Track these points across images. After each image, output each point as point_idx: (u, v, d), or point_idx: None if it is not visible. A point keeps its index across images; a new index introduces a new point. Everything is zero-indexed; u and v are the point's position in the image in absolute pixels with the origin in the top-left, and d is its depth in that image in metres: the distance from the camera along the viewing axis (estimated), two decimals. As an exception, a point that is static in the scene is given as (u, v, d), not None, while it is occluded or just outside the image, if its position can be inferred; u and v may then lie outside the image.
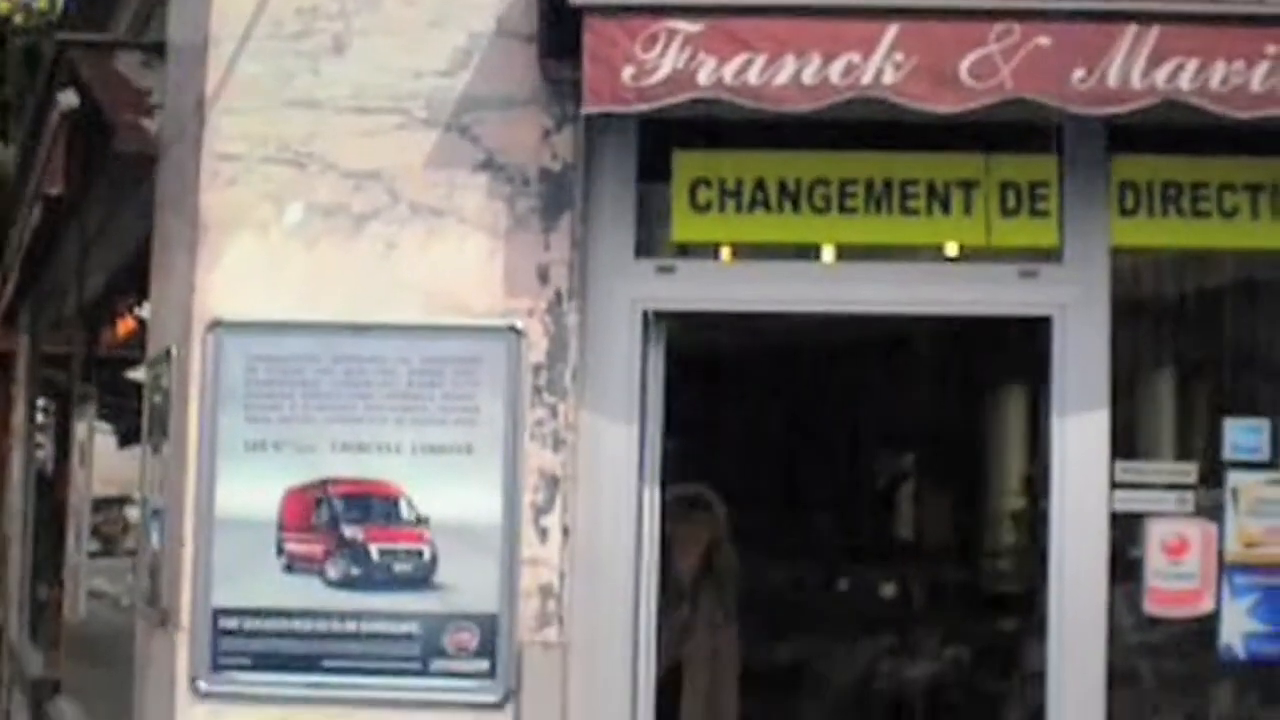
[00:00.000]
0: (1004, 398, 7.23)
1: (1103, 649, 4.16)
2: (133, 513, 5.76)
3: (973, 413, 7.30)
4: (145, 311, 5.47)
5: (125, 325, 6.81)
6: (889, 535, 7.94)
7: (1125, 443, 4.36)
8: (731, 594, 6.05)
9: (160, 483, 4.66)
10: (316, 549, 4.19)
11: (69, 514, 8.01)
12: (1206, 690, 5.23)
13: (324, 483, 4.20)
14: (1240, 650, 4.28)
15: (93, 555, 7.76)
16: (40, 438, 10.15)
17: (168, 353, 4.55)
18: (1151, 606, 4.31)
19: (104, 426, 8.07)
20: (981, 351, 6.86)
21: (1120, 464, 4.20)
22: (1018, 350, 4.90)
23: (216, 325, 4.24)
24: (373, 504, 4.18)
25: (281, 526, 4.20)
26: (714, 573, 5.98)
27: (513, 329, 4.15)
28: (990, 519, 7.31)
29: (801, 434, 7.16)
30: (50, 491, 9.14)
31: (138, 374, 5.49)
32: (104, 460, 7.80)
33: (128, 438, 6.49)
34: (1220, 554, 4.24)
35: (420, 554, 4.15)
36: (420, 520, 4.15)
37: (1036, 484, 4.34)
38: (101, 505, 8.15)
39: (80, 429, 7.85)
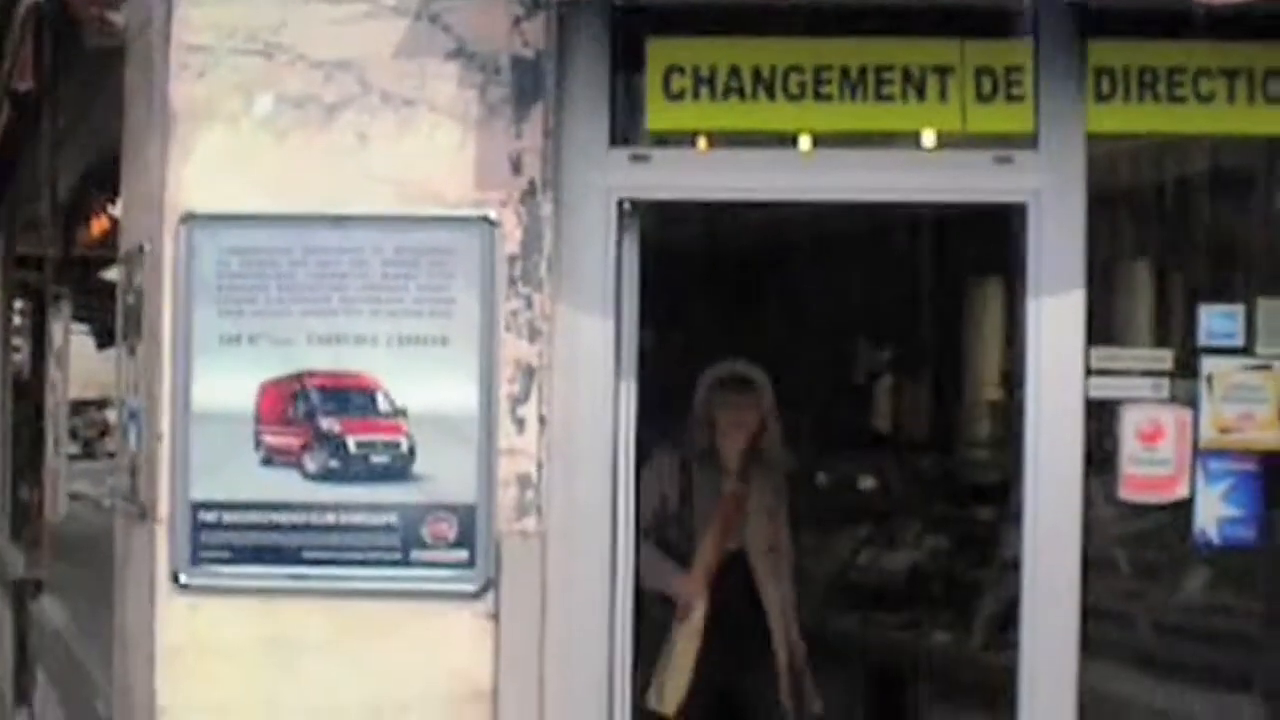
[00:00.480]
0: (982, 290, 7.23)
1: (1078, 536, 4.17)
2: (112, 415, 5.73)
3: (951, 305, 7.30)
4: (119, 210, 5.43)
5: (99, 224, 6.77)
6: (867, 427, 7.97)
7: (1101, 330, 4.36)
8: (781, 479, 5.74)
9: (136, 383, 4.65)
10: (294, 442, 4.19)
11: (46, 417, 8.00)
12: (1181, 576, 5.30)
13: (300, 375, 4.18)
14: (1215, 535, 4.31)
15: (73, 458, 7.77)
16: (16, 340, 10.13)
17: (140, 248, 4.52)
18: (1126, 493, 4.32)
19: (81, 328, 8.05)
20: (959, 244, 6.86)
21: (1095, 351, 4.20)
22: (996, 242, 4.89)
23: (188, 219, 4.20)
24: (349, 396, 4.18)
25: (258, 420, 4.19)
26: (763, 457, 5.60)
27: (486, 219, 4.12)
28: (968, 410, 7.33)
29: (778, 328, 7.16)
30: (28, 394, 9.13)
31: (113, 274, 5.45)
32: (82, 363, 7.78)
33: (106, 339, 6.46)
34: (1195, 440, 4.26)
35: (398, 446, 4.15)
36: (397, 412, 4.15)
37: (1014, 375, 4.35)
38: (81, 408, 8.15)
39: (56, 331, 7.83)
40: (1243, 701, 5.21)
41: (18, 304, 10.08)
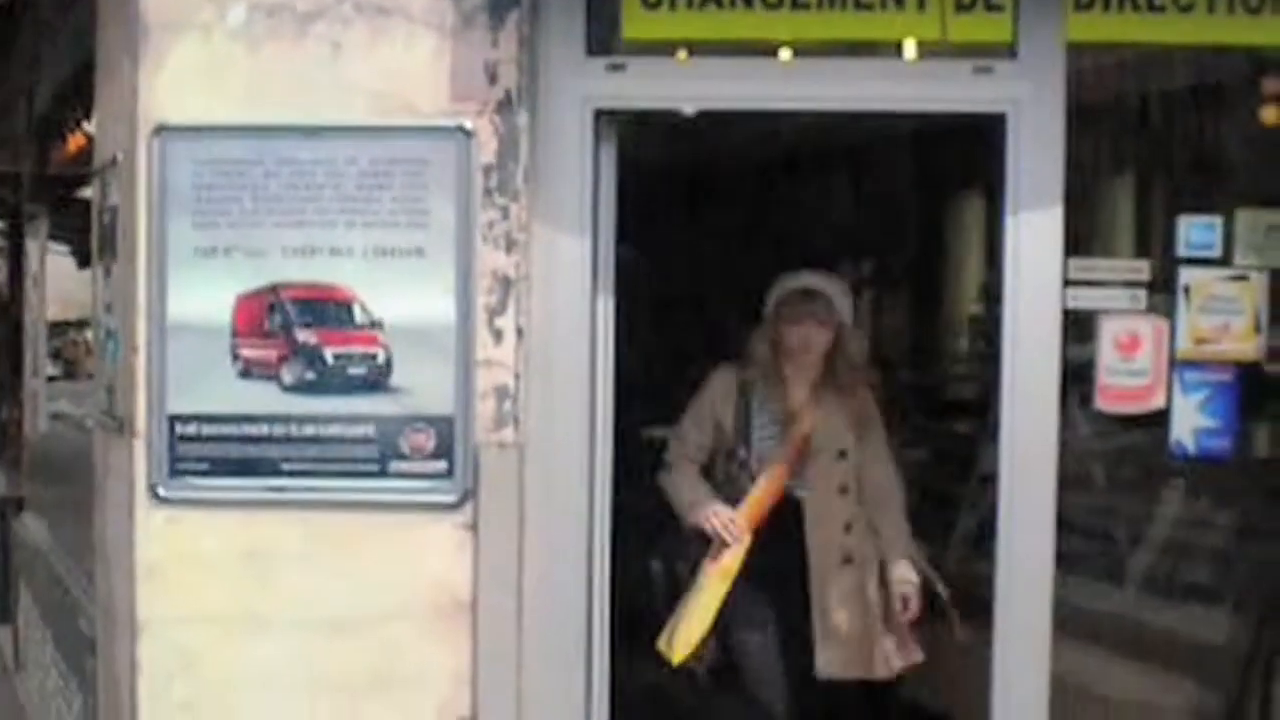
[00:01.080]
0: (962, 205, 7.22)
1: (1054, 446, 4.19)
2: (91, 336, 5.72)
3: (931, 220, 7.29)
4: (93, 124, 5.38)
5: (75, 141, 6.70)
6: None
7: (1079, 241, 4.36)
8: (865, 408, 4.90)
9: (112, 302, 4.63)
10: (270, 354, 4.17)
11: (25, 338, 7.98)
12: (1156, 487, 5.32)
13: (275, 287, 4.16)
14: (1190, 445, 4.33)
15: (53, 379, 7.75)
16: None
17: (113, 160, 4.48)
18: (1103, 403, 4.34)
19: (59, 248, 8.01)
20: (939, 158, 6.83)
21: (1073, 261, 4.20)
22: (975, 156, 4.87)
23: (161, 130, 4.16)
24: (325, 308, 4.15)
25: (234, 332, 4.17)
26: (838, 383, 4.81)
27: (461, 129, 4.09)
28: (948, 325, 7.34)
29: (757, 244, 7.13)
30: (6, 314, 9.08)
31: (90, 192, 5.41)
32: (61, 284, 7.75)
33: (85, 259, 6.42)
34: (1172, 351, 4.27)
35: (375, 357, 4.14)
36: (374, 324, 4.13)
37: (993, 290, 4.35)
38: (60, 329, 8.11)
39: (33, 251, 7.79)
40: (1216, 614, 5.26)
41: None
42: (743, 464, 4.78)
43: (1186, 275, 4.28)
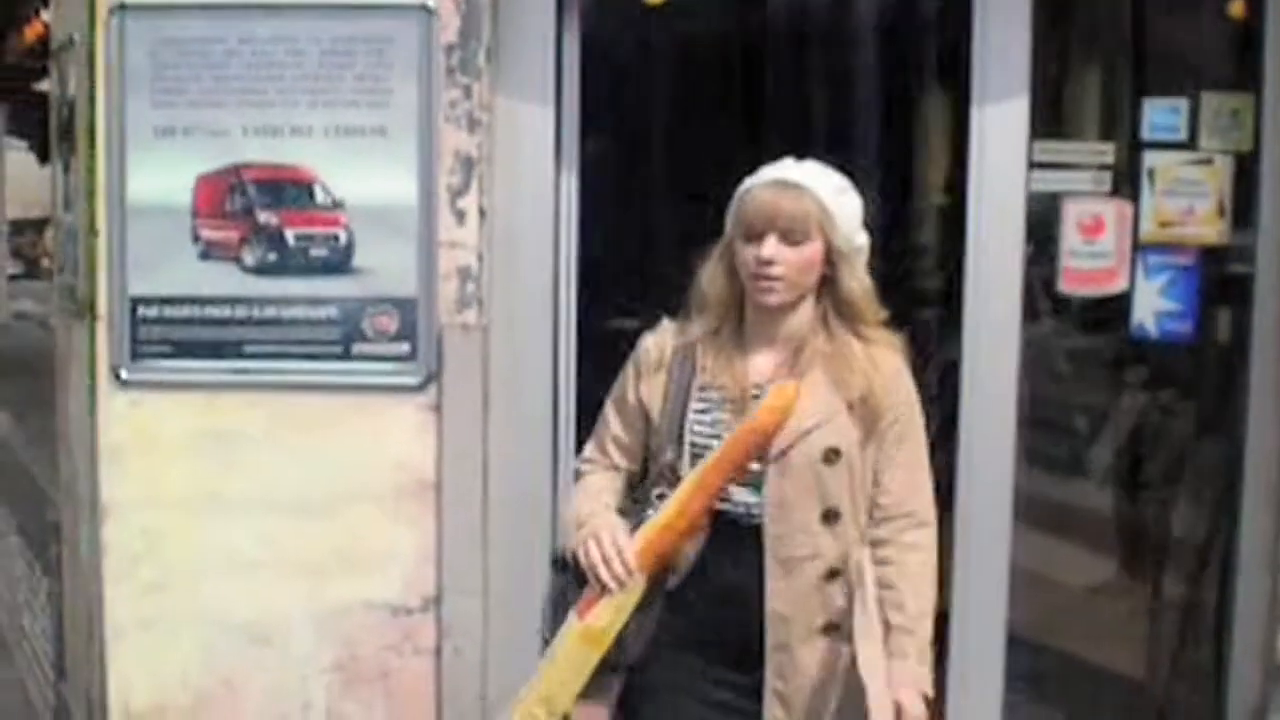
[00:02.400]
0: (930, 94, 7.17)
1: (1017, 327, 4.20)
2: (53, 235, 5.67)
3: (899, 110, 7.23)
4: (49, 6, 5.31)
5: (34, 30, 6.63)
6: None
7: (1045, 124, 4.35)
8: (876, 380, 3.05)
9: (72, 196, 4.58)
10: (232, 235, 4.14)
11: (-14, 233, 7.92)
12: (1117, 371, 5.35)
13: (236, 168, 4.12)
14: (1152, 328, 4.35)
15: (14, 278, 7.70)
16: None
17: (70, 40, 4.42)
18: (1066, 286, 4.36)
19: (17, 144, 7.93)
20: (907, 48, 6.79)
21: (1039, 144, 4.20)
22: (944, 45, 4.84)
23: (119, 9, 4.11)
24: (286, 189, 4.12)
25: (195, 213, 4.13)
26: (829, 332, 3.05)
27: (423, 7, 4.04)
28: (914, 216, 7.31)
29: (722, 133, 7.08)
30: (-33, 209, 9.01)
31: (48, 85, 5.35)
32: (23, 183, 7.68)
33: (44, 155, 6.36)
34: (1135, 234, 4.28)
35: (336, 238, 4.11)
36: (335, 204, 4.10)
37: (959, 179, 4.33)
38: (22, 227, 8.05)
39: (-8, 145, 7.72)
40: (1174, 503, 5.31)
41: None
42: (673, 472, 3.07)
43: (1151, 158, 4.28)
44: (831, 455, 3.01)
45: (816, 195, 2.98)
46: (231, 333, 4.16)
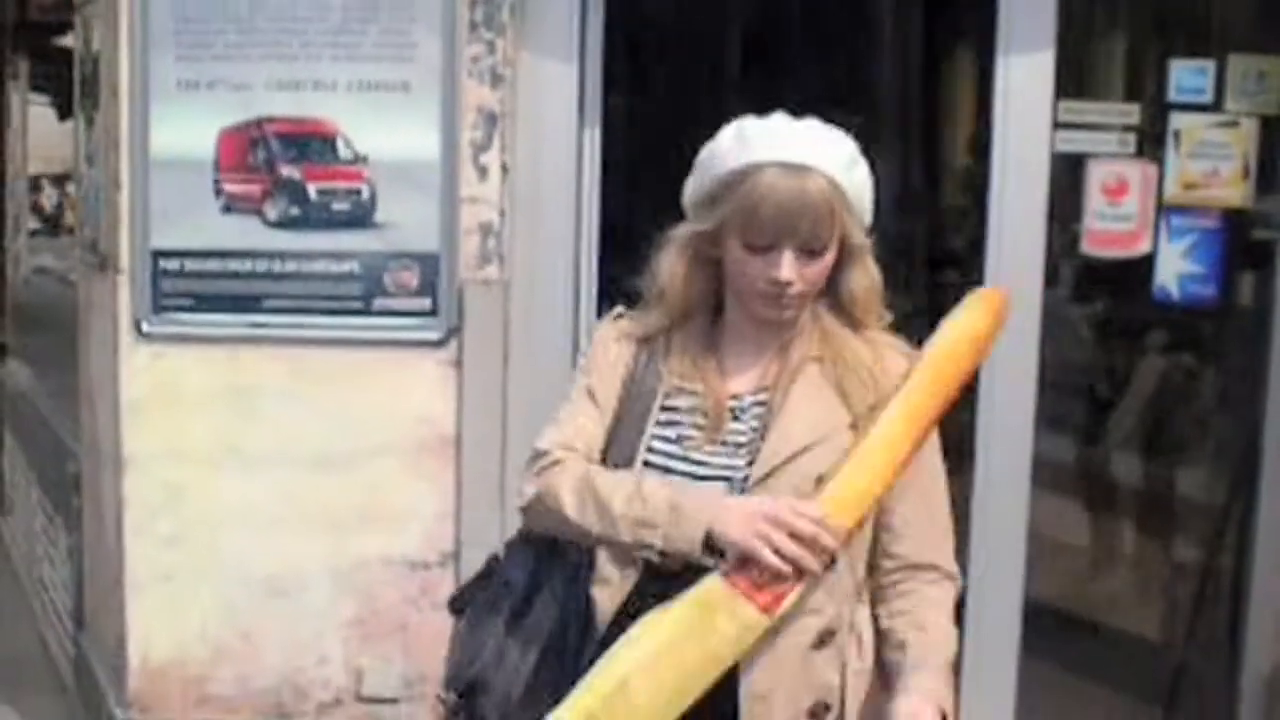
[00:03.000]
0: (956, 55, 7.14)
1: (1039, 290, 4.18)
2: (74, 190, 5.68)
3: (922, 73, 7.21)
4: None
5: (56, -16, 6.61)
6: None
7: (1070, 84, 4.32)
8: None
9: (94, 154, 4.58)
10: (254, 189, 4.14)
11: (7, 190, 7.91)
12: (1138, 334, 5.33)
13: (259, 122, 4.11)
14: (1175, 291, 4.32)
15: (35, 233, 7.70)
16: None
17: (95, -8, 4.43)
18: (1089, 248, 4.34)
19: (39, 99, 7.91)
20: (933, 8, 6.76)
21: (1064, 104, 4.16)
22: (970, 6, 4.81)
23: (145, -39, 4.12)
24: (309, 143, 4.11)
25: (218, 167, 4.13)
26: (827, 336, 2.42)
27: (448, -39, 4.04)
28: (937, 178, 7.29)
29: (747, 88, 7.05)
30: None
31: (71, 40, 5.34)
32: (43, 138, 7.67)
33: (66, 111, 6.35)
34: (1160, 196, 4.26)
35: (359, 193, 4.11)
36: (358, 159, 4.09)
37: (984, 140, 4.30)
38: (42, 183, 8.06)
39: (14, 102, 7.70)
40: (1194, 467, 5.30)
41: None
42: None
43: (1177, 120, 4.25)
44: (824, 484, 2.31)
45: (835, 181, 2.30)
46: (253, 287, 4.16)
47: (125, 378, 4.26)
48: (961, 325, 2.39)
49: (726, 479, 2.37)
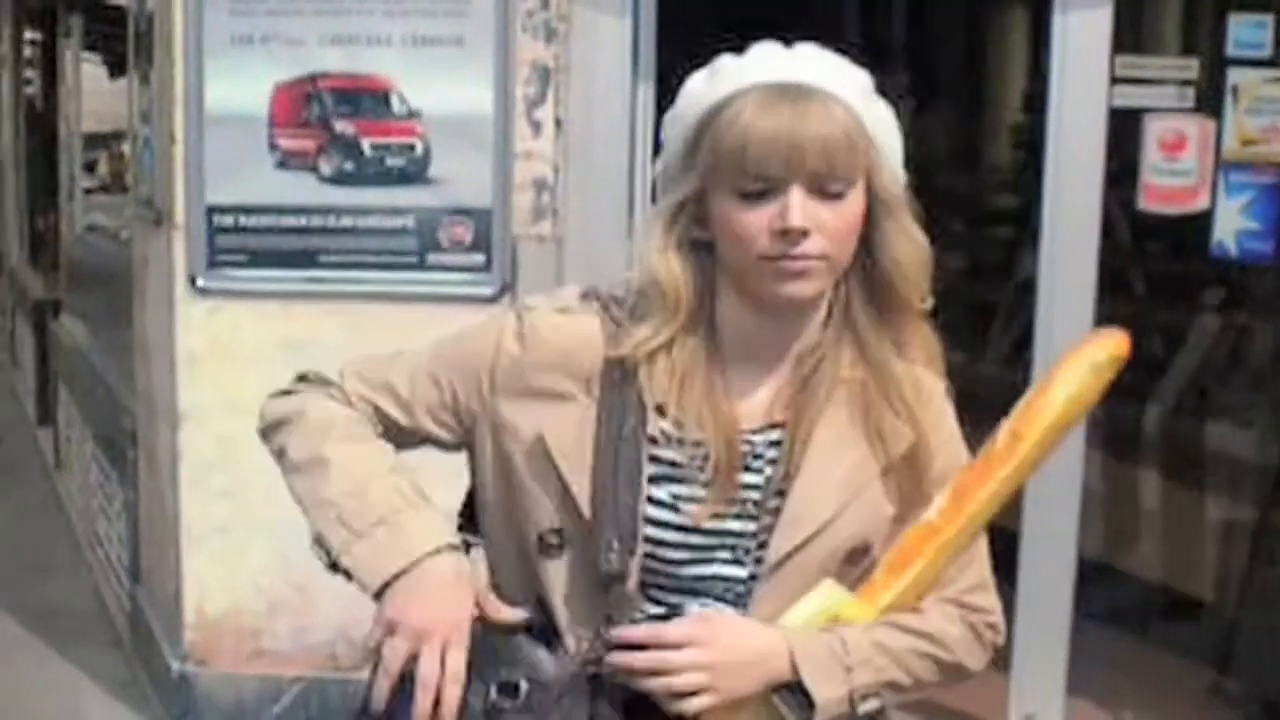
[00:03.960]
0: (1008, 13, 7.09)
1: (1096, 247, 4.15)
2: (127, 148, 5.70)
3: (974, 27, 7.17)
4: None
5: (109, -59, 6.62)
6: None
7: (1128, 38, 4.28)
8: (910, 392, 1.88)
9: (148, 111, 4.60)
10: (308, 144, 4.15)
11: (60, 148, 7.96)
12: (1194, 292, 5.29)
13: (313, 77, 4.12)
14: (1232, 248, 4.28)
15: (89, 191, 7.74)
16: (28, 72, 10.01)
17: (149, -51, 4.44)
18: (1146, 203, 4.30)
19: (91, 57, 7.94)
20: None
21: (1121, 59, 4.12)
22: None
23: (199, -85, 4.12)
24: (363, 98, 4.12)
25: (272, 122, 4.14)
26: (863, 345, 1.83)
27: (502, -85, 4.03)
28: (989, 134, 7.26)
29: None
30: (41, 124, 9.06)
31: (122, -1, 5.36)
32: (95, 97, 7.70)
33: (117, 70, 6.37)
34: (1217, 152, 4.22)
35: (413, 148, 4.11)
36: (412, 114, 4.10)
37: (1037, 96, 4.25)
38: (94, 141, 8.09)
39: (67, 60, 7.74)
40: (1249, 425, 5.26)
41: (28, 34, 9.93)
42: (609, 583, 1.78)
43: (1235, 75, 4.20)
44: (857, 555, 1.83)
45: (849, 106, 1.75)
46: (308, 242, 4.18)
47: (180, 333, 4.28)
48: (1078, 388, 1.82)
49: (730, 548, 1.80)
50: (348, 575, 1.85)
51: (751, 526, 1.80)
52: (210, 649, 4.41)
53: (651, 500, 1.77)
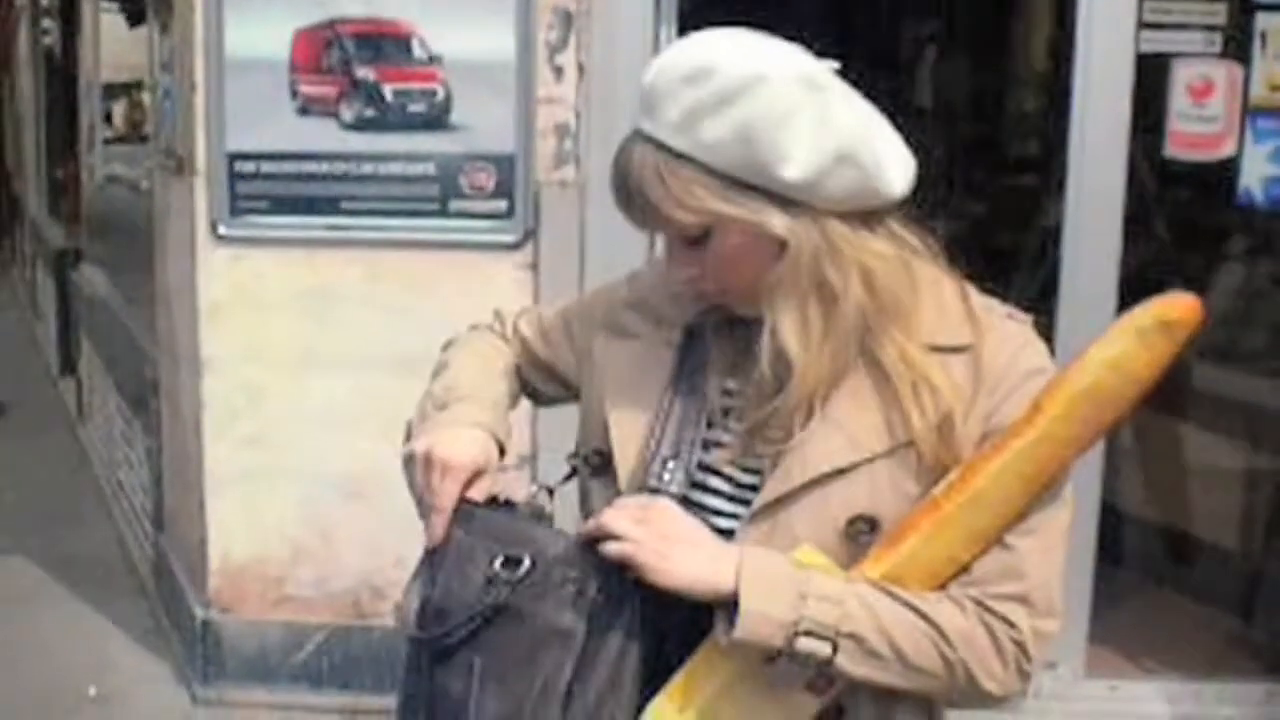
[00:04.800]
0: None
1: (1122, 194, 4.12)
2: (146, 98, 5.69)
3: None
4: None
5: (126, -112, 6.60)
6: (910, 98, 7.83)
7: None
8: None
9: (168, 60, 4.57)
10: (329, 91, 4.13)
11: (80, 97, 7.94)
12: (1220, 239, 5.26)
13: (333, 22, 4.09)
14: (1259, 195, 4.25)
15: (108, 141, 7.73)
16: (46, 22, 9.99)
17: (168, -107, 4.41)
18: (1173, 149, 4.25)
19: (110, 6, 7.92)
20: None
21: (1148, 3, 4.07)
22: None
23: None
24: (384, 43, 4.09)
25: (293, 69, 4.12)
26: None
27: None
28: (1014, 81, 7.20)
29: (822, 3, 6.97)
30: (60, 73, 9.05)
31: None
32: (114, 46, 7.68)
33: (136, 18, 6.35)
34: (1245, 98, 4.18)
35: (434, 94, 4.09)
36: (433, 59, 4.07)
37: (1061, 44, 4.21)
38: (115, 90, 8.08)
39: (86, 8, 7.71)
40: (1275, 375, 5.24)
41: (46, -18, 9.91)
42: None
43: (1263, 21, 4.15)
44: (860, 527, 1.73)
45: (663, 142, 1.68)
46: (329, 189, 4.16)
47: (203, 281, 4.28)
48: (1116, 354, 1.69)
49: (747, 502, 1.78)
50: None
51: (756, 480, 1.79)
52: (234, 596, 4.42)
53: (705, 459, 1.81)
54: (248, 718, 4.36)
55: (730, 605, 1.65)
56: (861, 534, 1.72)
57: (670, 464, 1.77)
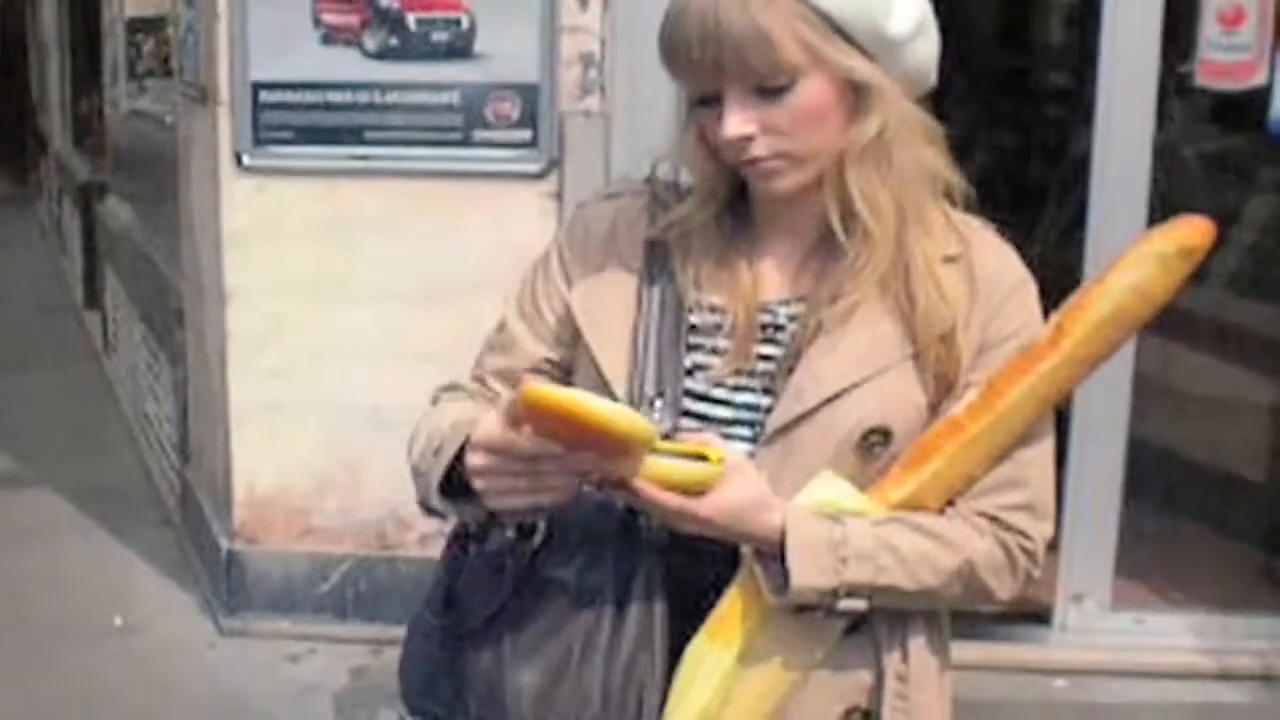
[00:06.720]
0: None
1: (1151, 123, 4.07)
2: (171, 31, 5.65)
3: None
4: None
5: None
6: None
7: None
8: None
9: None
10: (353, 19, 4.10)
11: (104, 31, 7.91)
12: (1251, 171, 5.21)
13: (356, -53, 4.08)
14: (1290, 125, 4.20)
15: (133, 75, 7.71)
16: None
17: None
18: (1203, 79, 4.20)
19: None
20: None
21: (1180, -72, 4.04)
22: None
23: None
24: (407, -29, 4.08)
25: (316, -3, 4.11)
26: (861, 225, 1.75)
27: None
28: (1043, 11, 7.14)
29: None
30: (84, 7, 9.01)
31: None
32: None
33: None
34: (1278, 26, 4.12)
35: (458, 22, 4.06)
36: (456, -13, 4.05)
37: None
38: (139, 24, 8.04)
39: (108, -59, 7.67)
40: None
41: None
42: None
43: (1297, -55, 4.10)
44: (874, 439, 1.71)
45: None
46: (353, 119, 4.14)
47: (226, 211, 4.27)
48: (1137, 279, 1.70)
49: (749, 423, 1.74)
50: (428, 510, 1.86)
51: (764, 403, 1.74)
52: (259, 527, 4.44)
53: (692, 367, 1.76)
54: (272, 648, 4.38)
55: (770, 556, 1.67)
56: (876, 445, 1.72)
57: (656, 403, 1.73)
